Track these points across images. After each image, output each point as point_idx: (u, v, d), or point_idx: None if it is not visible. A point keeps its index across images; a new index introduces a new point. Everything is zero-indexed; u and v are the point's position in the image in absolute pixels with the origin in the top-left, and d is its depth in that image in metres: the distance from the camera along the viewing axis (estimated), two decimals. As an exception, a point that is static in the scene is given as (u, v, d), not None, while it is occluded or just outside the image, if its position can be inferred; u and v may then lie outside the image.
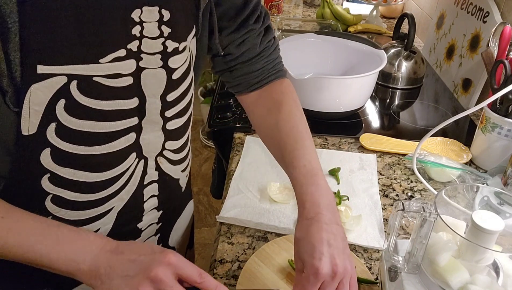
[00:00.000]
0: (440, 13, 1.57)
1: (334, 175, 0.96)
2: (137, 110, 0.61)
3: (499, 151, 0.97)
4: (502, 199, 0.77)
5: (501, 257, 0.58)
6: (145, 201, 0.70)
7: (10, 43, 0.48)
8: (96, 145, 0.59)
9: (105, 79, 0.55)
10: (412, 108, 1.31)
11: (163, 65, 0.61)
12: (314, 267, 0.55)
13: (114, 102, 0.58)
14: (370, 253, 0.78)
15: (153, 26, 0.58)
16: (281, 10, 2.10)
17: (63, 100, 0.54)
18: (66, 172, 0.58)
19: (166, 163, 0.70)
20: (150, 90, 0.61)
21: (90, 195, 0.62)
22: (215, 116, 1.17)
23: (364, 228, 0.83)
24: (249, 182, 0.93)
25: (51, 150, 0.56)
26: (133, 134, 0.62)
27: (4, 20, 0.47)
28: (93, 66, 0.54)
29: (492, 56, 1.08)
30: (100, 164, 0.61)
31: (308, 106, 1.10)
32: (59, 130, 0.55)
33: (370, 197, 0.91)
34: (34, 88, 0.51)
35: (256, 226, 0.82)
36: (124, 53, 0.56)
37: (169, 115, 0.66)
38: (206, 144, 2.79)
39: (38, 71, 0.50)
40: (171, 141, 0.69)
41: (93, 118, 0.57)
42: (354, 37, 1.30)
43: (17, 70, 0.49)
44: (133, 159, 0.64)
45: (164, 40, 0.60)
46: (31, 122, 0.53)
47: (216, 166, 1.33)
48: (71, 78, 0.53)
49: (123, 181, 0.65)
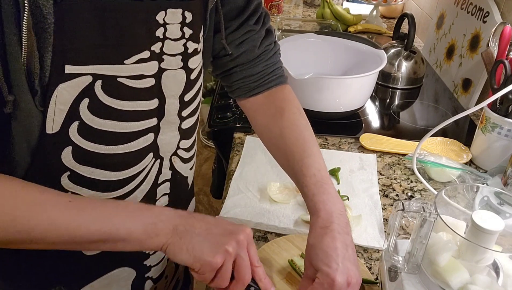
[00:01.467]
0: (440, 13, 1.57)
1: (334, 175, 0.96)
2: (156, 111, 0.62)
3: (499, 151, 0.97)
4: (502, 199, 0.77)
5: (501, 257, 0.58)
6: (157, 199, 0.70)
7: (45, 43, 0.49)
8: (116, 145, 0.60)
9: (128, 80, 0.56)
10: (412, 108, 1.31)
11: (183, 66, 0.62)
12: (330, 277, 0.57)
13: (136, 103, 0.59)
14: (370, 253, 0.78)
15: (176, 28, 0.59)
16: (281, 10, 2.11)
17: (87, 99, 0.54)
18: (85, 171, 0.59)
19: (179, 161, 0.71)
20: (170, 90, 0.62)
21: (107, 193, 0.63)
22: (215, 116, 1.17)
23: (364, 228, 0.83)
24: (249, 182, 0.93)
25: (72, 148, 0.56)
26: (152, 134, 0.63)
27: (43, 20, 0.48)
28: (118, 67, 0.55)
29: (492, 56, 1.08)
30: (118, 163, 0.61)
31: (308, 106, 1.10)
32: (81, 129, 0.56)
33: (370, 197, 0.91)
34: (61, 88, 0.52)
35: (256, 226, 0.82)
36: (148, 54, 0.57)
37: (185, 114, 0.67)
38: (206, 144, 2.79)
39: (66, 71, 0.51)
40: (185, 140, 0.70)
41: (114, 118, 0.58)
42: (354, 37, 1.30)
43: (47, 70, 0.50)
44: (150, 159, 0.65)
45: (185, 42, 0.61)
46: (55, 120, 0.54)
47: (216, 166, 1.33)
48: (96, 78, 0.53)
49: (139, 181, 0.65)
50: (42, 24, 0.48)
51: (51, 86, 0.51)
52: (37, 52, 0.48)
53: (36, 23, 0.47)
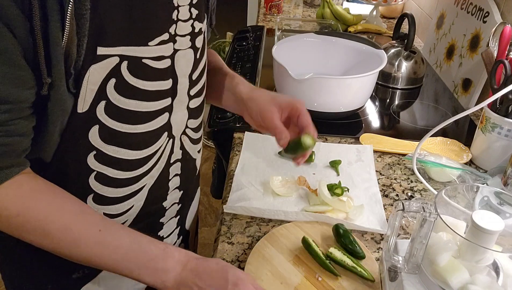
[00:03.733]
0: (440, 13, 1.57)
1: (335, 168, 0.99)
2: (171, 91, 0.66)
3: (499, 151, 0.97)
4: (502, 199, 0.77)
5: (501, 257, 0.58)
6: (170, 179, 0.75)
7: (83, 28, 0.51)
8: (138, 124, 0.63)
9: (152, 61, 0.60)
10: (412, 108, 1.31)
11: (191, 46, 0.66)
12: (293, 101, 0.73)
13: (156, 83, 0.62)
14: (370, 253, 0.78)
15: (186, 9, 0.62)
16: (281, 10, 2.11)
17: (113, 79, 0.57)
18: (110, 150, 0.62)
19: (187, 141, 0.75)
20: (181, 70, 0.66)
21: (129, 172, 0.66)
22: (215, 116, 1.17)
23: (366, 217, 0.85)
24: (252, 177, 0.94)
25: (99, 127, 0.59)
26: (167, 114, 0.67)
27: (82, 7, 0.50)
28: (143, 49, 0.58)
29: (492, 56, 1.08)
30: (139, 142, 0.65)
31: (308, 106, 1.09)
32: (108, 108, 0.59)
33: (369, 187, 0.93)
34: (93, 69, 0.54)
35: (263, 214, 0.84)
36: (167, 36, 0.61)
37: (193, 93, 0.71)
38: (206, 144, 2.79)
39: (98, 52, 0.54)
40: (192, 119, 0.74)
41: (138, 98, 0.61)
42: (354, 37, 1.30)
43: (82, 53, 0.52)
44: (164, 138, 0.69)
45: (193, 22, 0.65)
46: (86, 100, 0.56)
47: (216, 166, 1.33)
48: (123, 58, 0.56)
49: (155, 159, 0.69)
50: (81, 11, 0.50)
51: (84, 68, 0.54)
52: (75, 37, 0.51)
53: (77, 9, 0.49)
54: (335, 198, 0.85)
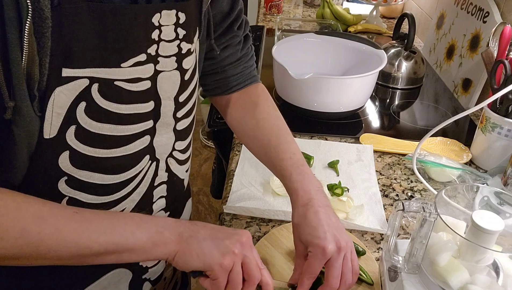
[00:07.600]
0: (440, 13, 1.57)
1: (333, 168, 0.98)
2: (153, 113, 0.62)
3: (499, 151, 0.97)
4: (502, 199, 0.77)
5: (501, 257, 0.58)
6: (154, 202, 0.70)
7: (44, 47, 0.48)
8: (113, 148, 0.59)
9: (125, 84, 0.56)
10: (412, 108, 1.31)
11: (177, 67, 0.62)
12: (321, 246, 0.60)
13: (132, 106, 0.58)
14: (370, 253, 0.78)
15: (170, 29, 0.59)
16: (281, 10, 2.11)
17: (83, 103, 0.54)
18: (83, 175, 0.58)
19: (174, 163, 0.71)
20: (165, 92, 0.62)
21: (105, 197, 0.62)
22: (215, 116, 1.17)
23: (366, 217, 0.85)
24: (251, 177, 0.95)
25: (69, 153, 0.56)
26: (148, 136, 0.63)
27: (42, 25, 0.47)
28: (115, 70, 0.54)
29: (492, 56, 1.08)
30: (115, 166, 0.61)
31: (308, 106, 1.10)
32: (78, 133, 0.55)
33: (369, 187, 0.93)
34: (58, 91, 0.51)
35: (263, 214, 0.83)
36: (144, 57, 0.57)
37: (180, 115, 0.67)
38: (206, 144, 2.79)
39: (63, 74, 0.51)
40: (180, 141, 0.70)
41: (112, 122, 0.57)
42: (354, 37, 1.30)
43: (45, 74, 0.50)
44: (146, 161, 0.65)
45: (179, 42, 0.61)
46: (53, 125, 0.53)
47: (216, 166, 1.33)
48: (93, 81, 0.53)
49: (136, 183, 0.65)
50: (42, 28, 0.47)
51: (49, 90, 0.51)
52: (37, 56, 0.48)
53: (36, 27, 0.47)
54: (335, 198, 0.86)
